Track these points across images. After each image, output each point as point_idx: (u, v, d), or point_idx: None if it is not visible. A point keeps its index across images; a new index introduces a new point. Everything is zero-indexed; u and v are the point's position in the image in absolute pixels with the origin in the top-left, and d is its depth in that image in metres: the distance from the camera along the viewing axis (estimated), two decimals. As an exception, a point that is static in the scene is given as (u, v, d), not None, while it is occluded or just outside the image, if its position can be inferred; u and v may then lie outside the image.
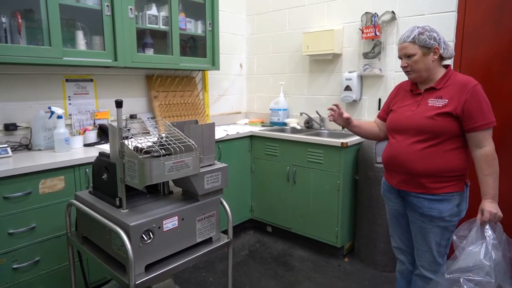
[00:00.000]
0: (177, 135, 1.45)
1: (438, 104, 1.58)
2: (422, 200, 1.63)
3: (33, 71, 2.31)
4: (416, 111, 1.64)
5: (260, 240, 3.14)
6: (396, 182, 1.71)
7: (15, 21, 2.04)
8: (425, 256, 1.69)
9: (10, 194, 1.78)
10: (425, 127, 1.58)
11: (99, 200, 1.53)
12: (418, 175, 1.61)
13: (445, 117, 1.56)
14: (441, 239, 1.65)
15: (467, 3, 2.45)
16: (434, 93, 1.63)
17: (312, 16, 3.25)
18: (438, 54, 1.61)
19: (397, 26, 2.74)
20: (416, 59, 1.60)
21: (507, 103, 2.38)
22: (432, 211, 1.61)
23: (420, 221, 1.67)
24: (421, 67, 1.61)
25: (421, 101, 1.65)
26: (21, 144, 2.26)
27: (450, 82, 1.61)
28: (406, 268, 1.89)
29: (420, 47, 1.59)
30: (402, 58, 1.66)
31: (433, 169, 1.58)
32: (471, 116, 1.54)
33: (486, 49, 2.42)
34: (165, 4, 2.73)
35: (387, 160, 1.74)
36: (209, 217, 1.57)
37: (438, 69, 1.65)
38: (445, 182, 1.59)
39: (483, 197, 1.59)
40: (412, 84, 1.74)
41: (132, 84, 2.87)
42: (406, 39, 1.62)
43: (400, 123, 1.68)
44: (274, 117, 3.46)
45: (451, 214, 1.61)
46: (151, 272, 1.37)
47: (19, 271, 1.85)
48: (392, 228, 1.90)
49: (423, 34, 1.59)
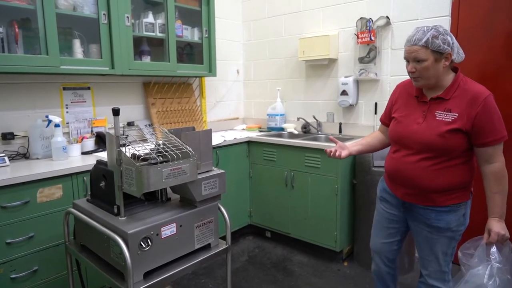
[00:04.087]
0: (174, 142, 1.46)
1: (447, 118, 1.46)
2: (429, 212, 1.57)
3: (31, 80, 2.32)
4: (423, 125, 1.51)
5: (259, 246, 3.14)
6: (401, 194, 1.64)
7: (12, 30, 2.05)
8: (432, 265, 1.63)
9: (8, 204, 1.78)
10: (435, 145, 1.47)
11: (97, 208, 1.53)
12: (427, 191, 1.53)
13: (455, 134, 1.44)
14: (448, 248, 1.59)
15: (460, 8, 2.48)
16: (442, 104, 1.50)
17: (307, 22, 3.28)
18: (450, 60, 1.45)
19: (391, 31, 2.77)
20: (427, 66, 1.44)
21: (502, 107, 2.38)
22: (439, 223, 1.55)
23: (427, 232, 1.60)
24: (431, 74, 1.46)
25: (428, 113, 1.52)
26: (19, 153, 2.26)
27: (459, 91, 1.47)
28: (379, 269, 1.86)
29: (432, 53, 1.42)
30: (409, 61, 1.50)
31: (443, 185, 1.50)
32: (482, 131, 1.43)
33: (480, 53, 2.44)
34: (161, 12, 2.75)
35: (392, 173, 1.65)
36: (207, 224, 1.57)
37: (447, 75, 1.50)
38: (453, 194, 1.53)
39: (490, 215, 1.51)
40: (417, 89, 1.59)
41: (130, 91, 2.88)
42: (417, 42, 1.44)
43: (406, 137, 1.56)
44: (272, 123, 3.47)
45: (458, 224, 1.55)
46: (150, 279, 1.36)
47: (17, 280, 1.84)
48: (376, 231, 1.83)
49: (437, 38, 1.41)
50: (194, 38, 3.04)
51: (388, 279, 1.88)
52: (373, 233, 1.87)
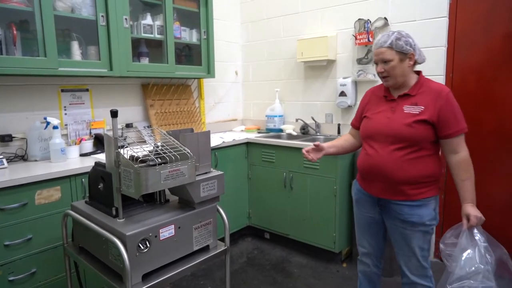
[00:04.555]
0: (173, 143, 1.46)
1: (414, 111, 1.59)
2: (402, 207, 1.64)
3: (29, 82, 2.32)
4: (393, 118, 1.64)
5: (258, 247, 3.14)
6: (376, 191, 1.71)
7: (10, 32, 2.05)
8: (412, 261, 1.70)
9: (6, 206, 1.78)
10: (404, 135, 1.58)
11: (96, 210, 1.52)
12: (399, 183, 1.61)
13: (422, 124, 1.57)
14: (424, 243, 1.67)
15: (458, 9, 2.48)
16: (409, 99, 1.64)
17: (306, 23, 3.28)
18: (413, 60, 1.62)
19: (389, 32, 2.77)
20: (393, 65, 1.60)
21: (500, 107, 2.40)
22: (413, 217, 1.63)
23: (402, 228, 1.68)
24: (398, 73, 1.61)
25: (396, 108, 1.65)
26: (17, 155, 2.26)
27: (423, 88, 1.63)
28: (370, 270, 1.93)
29: (397, 53, 1.59)
30: (378, 63, 1.65)
31: (413, 176, 1.60)
32: (446, 123, 1.57)
33: (478, 53, 2.45)
34: (159, 13, 2.75)
35: (366, 169, 1.72)
36: (205, 225, 1.57)
37: (412, 75, 1.66)
38: (423, 188, 1.62)
39: (463, 202, 1.61)
40: (385, 90, 1.74)
41: (128, 93, 2.88)
42: (383, 44, 1.61)
43: (377, 131, 1.67)
44: (270, 124, 3.48)
45: (431, 219, 1.64)
46: (148, 281, 1.36)
47: (15, 283, 1.84)
48: (361, 234, 1.91)
49: (400, 39, 1.58)
50: (192, 40, 3.04)
51: (376, 279, 1.96)
52: (358, 235, 1.94)
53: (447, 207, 2.65)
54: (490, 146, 2.45)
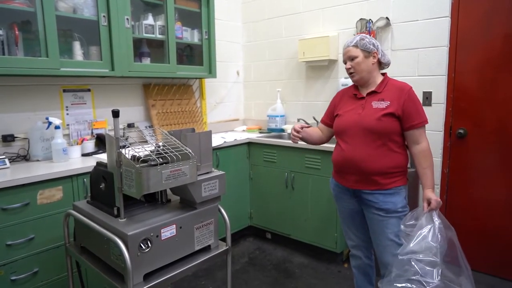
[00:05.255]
0: (174, 143, 1.46)
1: (381, 106, 1.75)
2: (377, 195, 1.78)
3: (31, 82, 2.33)
4: (363, 114, 1.78)
5: (259, 247, 3.14)
6: (351, 183, 1.84)
7: (12, 33, 2.06)
8: (387, 250, 1.81)
9: (8, 206, 1.78)
10: (374, 128, 1.73)
11: (97, 209, 1.52)
12: (371, 173, 1.75)
13: (389, 117, 1.73)
14: (398, 229, 1.77)
15: (460, 9, 2.48)
16: (376, 96, 1.80)
17: (307, 23, 3.28)
18: (376, 58, 1.80)
19: (391, 32, 2.77)
20: (358, 61, 1.79)
21: (501, 107, 2.39)
22: (387, 204, 1.76)
23: (377, 215, 1.80)
24: (363, 68, 1.79)
25: (366, 104, 1.81)
26: (19, 155, 2.27)
27: (388, 86, 1.80)
28: (362, 262, 2.03)
29: (361, 51, 1.78)
30: (346, 61, 1.83)
31: (384, 167, 1.74)
32: (409, 116, 1.73)
33: (479, 53, 2.44)
34: (161, 14, 2.75)
35: (341, 163, 1.85)
36: (207, 225, 1.57)
37: (377, 75, 1.84)
38: (394, 178, 1.77)
39: (424, 188, 1.76)
40: (355, 89, 1.90)
41: (130, 93, 2.88)
42: (349, 44, 1.81)
43: (349, 126, 1.81)
44: (272, 124, 3.47)
45: (403, 206, 1.79)
46: (150, 281, 1.36)
47: (17, 282, 1.84)
48: (347, 227, 2.02)
49: (363, 40, 1.78)
50: (194, 40, 3.04)
51: (370, 271, 2.06)
52: (344, 229, 2.05)
53: (449, 205, 2.64)
54: (492, 146, 2.44)
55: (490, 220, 2.49)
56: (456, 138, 2.55)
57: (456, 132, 2.55)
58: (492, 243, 2.50)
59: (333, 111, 2.00)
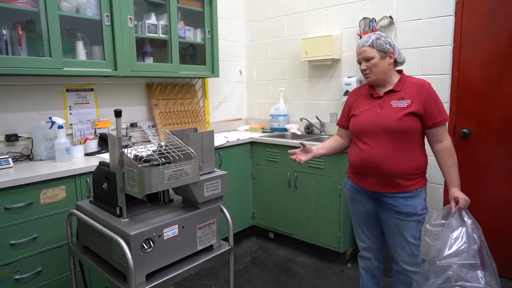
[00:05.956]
0: (177, 143, 1.46)
1: (402, 105, 1.69)
2: (397, 199, 1.72)
3: (34, 82, 2.33)
4: (382, 114, 1.71)
5: (262, 247, 3.13)
6: (370, 184, 1.77)
7: (15, 32, 2.06)
8: (405, 251, 1.78)
9: (11, 205, 1.79)
10: (396, 128, 1.67)
11: (100, 209, 1.53)
12: (393, 175, 1.69)
13: (411, 117, 1.67)
14: (416, 232, 1.76)
15: (464, 7, 2.46)
16: (395, 95, 1.73)
17: (310, 22, 3.27)
18: (393, 58, 1.73)
19: (395, 30, 2.75)
20: (375, 62, 1.71)
21: (506, 105, 2.38)
22: (407, 208, 1.71)
23: (396, 219, 1.75)
24: (379, 70, 1.72)
25: (384, 104, 1.74)
26: (22, 155, 2.27)
27: (406, 84, 1.74)
28: (371, 264, 1.99)
29: (378, 51, 1.71)
30: (361, 62, 1.76)
31: (406, 169, 1.68)
32: (432, 114, 1.67)
33: (484, 52, 2.42)
34: (164, 13, 2.75)
35: (360, 164, 1.78)
36: (209, 225, 1.57)
37: (394, 73, 1.78)
38: (415, 179, 1.71)
39: (450, 187, 1.72)
40: (370, 89, 1.82)
41: (133, 92, 2.89)
42: (364, 44, 1.73)
43: (368, 127, 1.74)
44: (275, 123, 3.47)
45: (423, 208, 1.74)
46: (152, 281, 1.36)
47: (21, 282, 1.85)
48: (360, 229, 1.97)
49: (380, 39, 1.71)
50: (196, 39, 3.04)
51: (378, 273, 2.03)
52: (357, 231, 2.00)
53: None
54: (496, 146, 2.42)
55: (495, 219, 2.47)
56: (460, 137, 2.53)
57: (460, 131, 2.53)
58: (497, 243, 2.48)
59: (348, 112, 1.92)
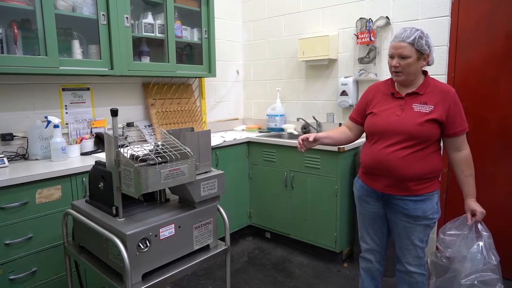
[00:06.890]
0: (173, 142, 1.45)
1: (424, 110, 1.61)
2: (407, 202, 1.67)
3: (30, 81, 2.32)
4: (403, 116, 1.64)
5: (259, 247, 3.13)
6: (381, 186, 1.72)
7: (11, 31, 2.05)
8: (411, 253, 1.75)
9: (6, 205, 1.78)
10: (416, 133, 1.60)
11: (96, 209, 1.52)
12: (405, 179, 1.64)
13: (432, 123, 1.60)
14: (424, 235, 1.72)
15: (460, 8, 2.47)
16: (417, 98, 1.65)
17: (307, 22, 3.27)
18: (427, 60, 1.64)
19: (391, 31, 2.76)
20: (410, 62, 1.60)
21: (502, 106, 2.39)
22: (417, 211, 1.66)
23: (405, 222, 1.71)
24: (412, 71, 1.62)
25: (405, 106, 1.66)
26: (18, 154, 2.26)
27: (431, 88, 1.65)
28: (373, 266, 1.94)
29: (416, 51, 1.59)
30: (394, 57, 1.63)
31: (419, 173, 1.62)
32: (453, 122, 1.61)
33: (480, 53, 2.44)
34: (161, 12, 2.75)
35: (373, 165, 1.72)
36: (206, 224, 1.57)
37: (420, 74, 1.69)
38: (427, 183, 1.66)
39: (467, 197, 1.68)
40: (392, 87, 1.74)
41: (129, 92, 2.88)
42: (405, 39, 1.59)
43: (386, 128, 1.66)
44: (271, 123, 3.47)
45: (433, 212, 1.68)
46: (149, 280, 1.36)
47: (16, 282, 1.84)
48: (365, 230, 1.92)
49: (422, 38, 1.59)
50: (193, 39, 3.03)
51: (378, 276, 1.98)
52: (361, 232, 1.95)
53: (449, 204, 2.64)
54: (493, 146, 2.44)
55: (492, 220, 2.47)
56: (456, 137, 2.55)
57: (456, 131, 2.54)
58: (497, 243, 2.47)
59: (364, 108, 1.82)
